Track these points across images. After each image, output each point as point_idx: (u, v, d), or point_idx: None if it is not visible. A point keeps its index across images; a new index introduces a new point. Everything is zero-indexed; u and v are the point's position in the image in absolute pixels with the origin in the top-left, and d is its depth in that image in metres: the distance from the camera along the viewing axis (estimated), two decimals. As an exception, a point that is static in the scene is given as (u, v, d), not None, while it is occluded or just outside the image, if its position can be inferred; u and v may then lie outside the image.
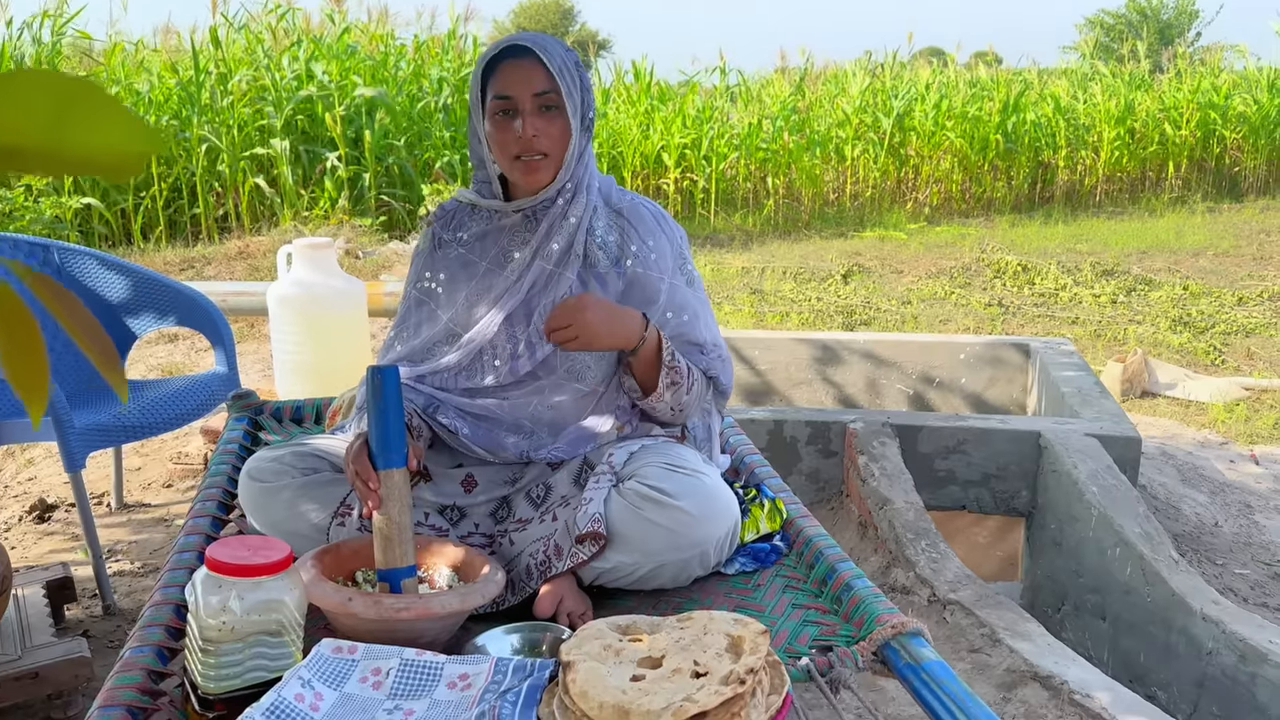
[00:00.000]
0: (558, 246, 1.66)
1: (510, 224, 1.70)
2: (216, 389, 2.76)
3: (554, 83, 1.58)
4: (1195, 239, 8.62)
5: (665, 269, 1.69)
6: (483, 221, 1.73)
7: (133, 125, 0.43)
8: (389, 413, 1.48)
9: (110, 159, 0.44)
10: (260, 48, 8.67)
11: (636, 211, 1.72)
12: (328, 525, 1.61)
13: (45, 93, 0.42)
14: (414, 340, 1.76)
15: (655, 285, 1.68)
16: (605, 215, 1.71)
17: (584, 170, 1.67)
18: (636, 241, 1.69)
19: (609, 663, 1.23)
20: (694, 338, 1.70)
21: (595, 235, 1.68)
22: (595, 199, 1.70)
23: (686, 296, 1.71)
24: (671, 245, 1.72)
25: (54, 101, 0.42)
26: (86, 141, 0.43)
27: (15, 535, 2.95)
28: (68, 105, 0.42)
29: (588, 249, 1.68)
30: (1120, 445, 2.89)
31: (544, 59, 1.57)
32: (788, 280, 7.17)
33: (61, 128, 0.42)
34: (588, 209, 1.68)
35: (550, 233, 1.66)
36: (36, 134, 0.42)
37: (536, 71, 1.58)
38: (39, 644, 2.09)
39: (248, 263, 6.66)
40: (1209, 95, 11.63)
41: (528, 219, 1.69)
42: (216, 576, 1.22)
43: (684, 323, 1.69)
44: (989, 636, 2.18)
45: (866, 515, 2.80)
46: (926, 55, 15.04)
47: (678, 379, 1.64)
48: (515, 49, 1.60)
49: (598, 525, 1.51)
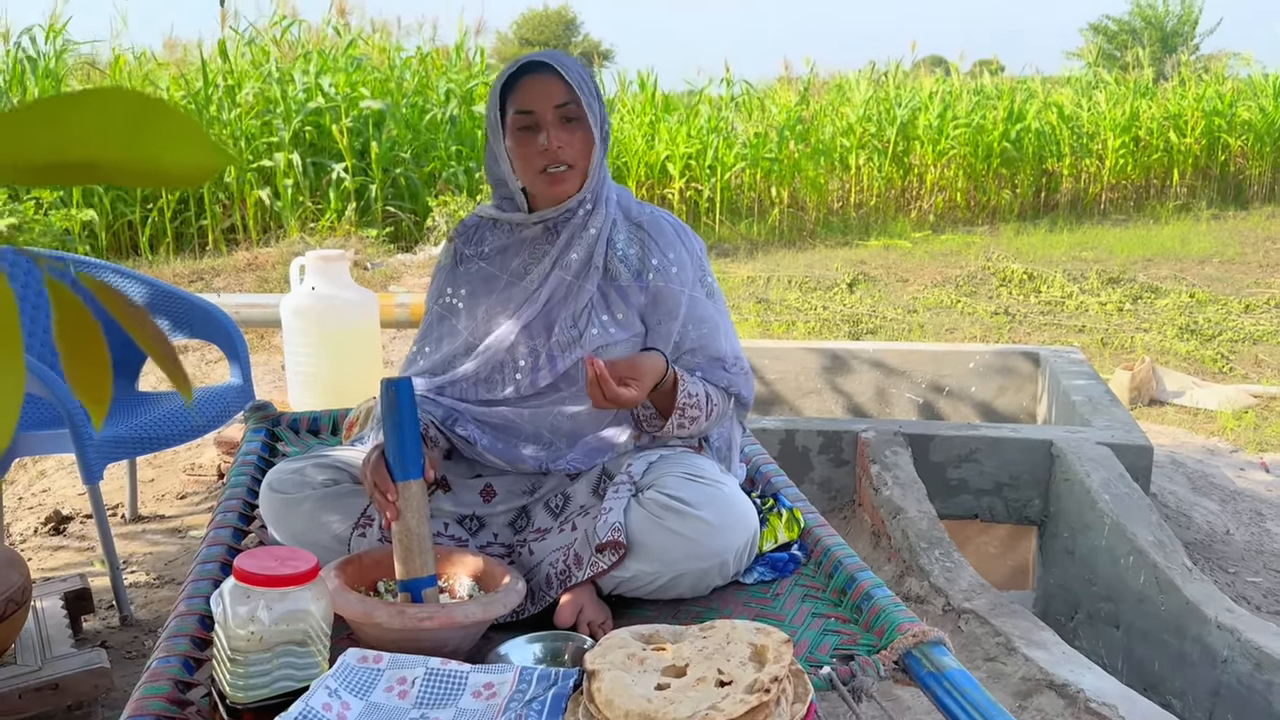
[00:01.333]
0: (577, 257, 1.67)
1: (531, 236, 1.71)
2: (231, 401, 2.78)
3: (574, 94, 1.59)
4: (1201, 246, 8.63)
5: (686, 281, 1.70)
6: (503, 235, 1.75)
7: (202, 141, 0.45)
8: (404, 424, 1.49)
9: (180, 172, 0.46)
10: (269, 60, 8.72)
11: (657, 224, 1.73)
12: (349, 536, 1.62)
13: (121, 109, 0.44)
14: (435, 355, 1.78)
15: (676, 298, 1.69)
16: (625, 228, 1.72)
17: (603, 180, 1.69)
18: (657, 254, 1.70)
19: (633, 672, 1.24)
20: (715, 351, 1.71)
21: (616, 248, 1.70)
22: (615, 211, 1.71)
23: (707, 309, 1.72)
24: (692, 257, 1.73)
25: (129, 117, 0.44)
26: (159, 155, 0.45)
27: (31, 547, 2.97)
28: (142, 121, 0.44)
29: (609, 262, 1.69)
30: (1132, 454, 2.89)
31: (562, 72, 1.59)
32: (793, 289, 7.18)
33: (136, 142, 0.44)
34: (607, 220, 1.69)
35: (570, 243, 1.68)
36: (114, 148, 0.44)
37: (556, 84, 1.59)
38: (59, 655, 2.10)
39: (256, 274, 6.69)
40: (1213, 102, 11.65)
41: (548, 230, 1.70)
42: (244, 587, 1.23)
43: (704, 335, 1.70)
44: (1004, 645, 2.19)
45: (879, 524, 2.80)
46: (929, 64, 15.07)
47: (696, 413, 1.65)
48: (531, 65, 1.62)
49: (618, 534, 1.52)
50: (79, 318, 0.51)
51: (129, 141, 0.44)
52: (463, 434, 1.70)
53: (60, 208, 6.97)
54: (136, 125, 0.44)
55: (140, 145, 0.44)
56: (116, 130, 0.44)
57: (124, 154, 0.44)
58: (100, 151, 0.44)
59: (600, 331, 1.66)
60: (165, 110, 0.44)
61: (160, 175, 0.46)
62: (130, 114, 0.44)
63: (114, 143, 0.44)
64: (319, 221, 8.03)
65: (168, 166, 0.45)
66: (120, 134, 0.44)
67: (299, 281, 3.35)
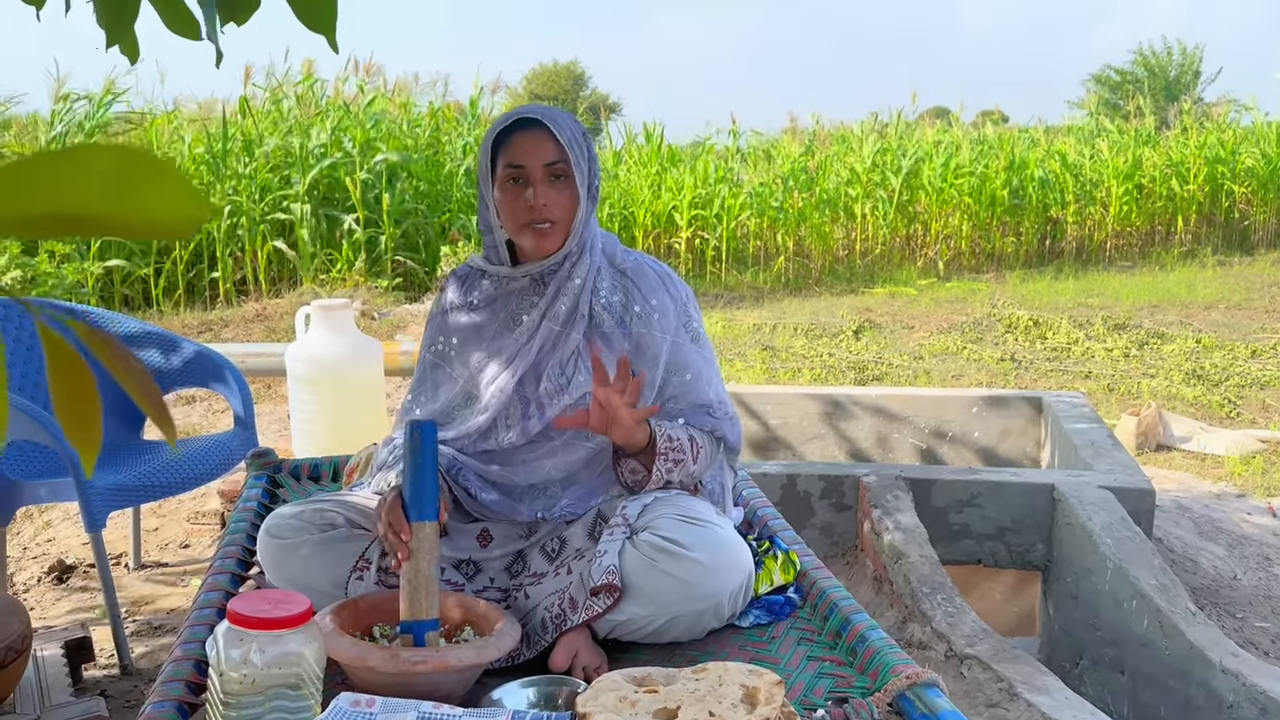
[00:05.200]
0: (564, 308, 1.70)
1: (519, 288, 1.74)
2: (234, 449, 2.79)
3: (564, 153, 1.63)
4: (1207, 292, 8.64)
5: (668, 327, 1.72)
6: (492, 286, 1.78)
7: (187, 192, 0.46)
8: (425, 467, 1.51)
9: (166, 223, 0.47)
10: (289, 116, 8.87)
11: (640, 271, 1.76)
12: (345, 580, 1.63)
13: (108, 163, 0.45)
14: (433, 404, 1.80)
15: (658, 344, 1.71)
16: (610, 275, 1.75)
17: (588, 234, 1.72)
18: (640, 301, 1.72)
19: (625, 714, 1.24)
20: (698, 398, 1.72)
21: (600, 296, 1.72)
22: (599, 260, 1.74)
23: (690, 355, 1.73)
24: (675, 303, 1.75)
25: (117, 172, 0.45)
26: (145, 207, 0.46)
27: (34, 596, 2.97)
28: (129, 175, 0.45)
29: (593, 309, 1.71)
30: (1134, 497, 2.88)
31: (554, 130, 1.62)
32: (799, 336, 7.20)
33: (123, 196, 0.45)
34: (591, 269, 1.72)
35: (557, 295, 1.70)
36: (102, 202, 0.45)
37: (547, 142, 1.63)
38: (57, 703, 2.10)
39: (265, 324, 6.74)
40: (1215, 149, 11.73)
41: (535, 282, 1.73)
42: (238, 630, 1.24)
43: (686, 382, 1.72)
44: (1006, 691, 2.17)
45: (881, 570, 2.79)
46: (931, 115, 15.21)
47: (680, 456, 1.66)
48: (525, 120, 1.65)
49: (612, 577, 1.52)
50: (70, 362, 0.53)
51: (116, 194, 0.45)
52: (465, 486, 1.72)
53: (76, 260, 7.05)
54: (123, 178, 0.45)
55: (127, 198, 0.45)
56: (104, 183, 0.45)
57: (111, 207, 0.45)
58: (88, 204, 0.45)
59: (587, 378, 1.68)
60: (151, 162, 0.46)
61: (147, 227, 0.47)
62: (116, 167, 0.45)
63: (102, 196, 0.45)
64: (330, 272, 8.11)
65: (154, 217, 0.46)
66: (107, 187, 0.45)
67: (304, 331, 3.38)
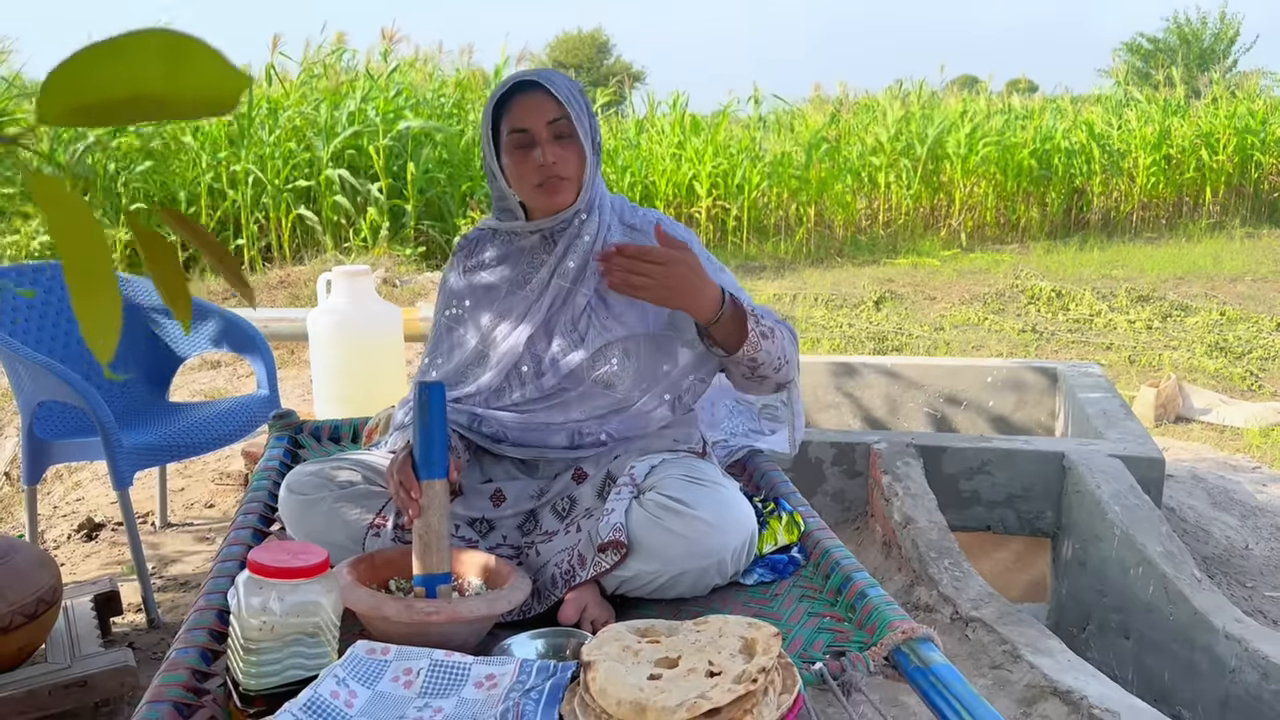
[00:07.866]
0: (574, 264, 1.73)
1: (529, 245, 1.78)
2: (258, 411, 2.86)
3: (564, 110, 1.66)
4: (1233, 265, 8.56)
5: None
6: (503, 245, 1.81)
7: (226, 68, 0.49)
8: (434, 426, 1.56)
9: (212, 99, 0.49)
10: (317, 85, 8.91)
11: (649, 221, 1.80)
12: (363, 536, 1.69)
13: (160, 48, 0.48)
14: (448, 366, 1.84)
15: None
16: (620, 232, 1.78)
17: (595, 192, 1.76)
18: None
19: (627, 662, 1.29)
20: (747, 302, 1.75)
21: None
22: (610, 218, 1.78)
23: (722, 278, 1.74)
24: (691, 243, 1.77)
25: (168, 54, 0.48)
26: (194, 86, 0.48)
27: (65, 552, 3.06)
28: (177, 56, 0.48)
29: None
30: (1143, 466, 2.90)
31: (551, 89, 1.65)
32: (820, 306, 7.21)
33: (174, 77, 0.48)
34: (602, 227, 1.75)
35: (567, 252, 1.74)
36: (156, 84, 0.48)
37: (547, 102, 1.66)
38: (87, 654, 2.18)
39: (289, 291, 6.82)
40: (1246, 120, 11.56)
41: (545, 240, 1.77)
42: (258, 579, 1.29)
43: (734, 286, 1.74)
44: (1010, 653, 2.21)
45: (890, 535, 2.83)
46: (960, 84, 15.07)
47: (766, 330, 1.69)
48: (522, 85, 1.68)
49: (619, 534, 1.57)
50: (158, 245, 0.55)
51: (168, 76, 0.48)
52: (489, 431, 1.76)
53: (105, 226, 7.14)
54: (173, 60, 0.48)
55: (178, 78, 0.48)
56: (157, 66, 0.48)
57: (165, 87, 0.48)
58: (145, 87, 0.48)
59: (599, 333, 1.72)
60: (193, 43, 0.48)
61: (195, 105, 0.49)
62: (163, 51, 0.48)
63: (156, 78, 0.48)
64: (353, 240, 8.18)
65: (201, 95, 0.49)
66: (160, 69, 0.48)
67: (325, 296, 3.44)
